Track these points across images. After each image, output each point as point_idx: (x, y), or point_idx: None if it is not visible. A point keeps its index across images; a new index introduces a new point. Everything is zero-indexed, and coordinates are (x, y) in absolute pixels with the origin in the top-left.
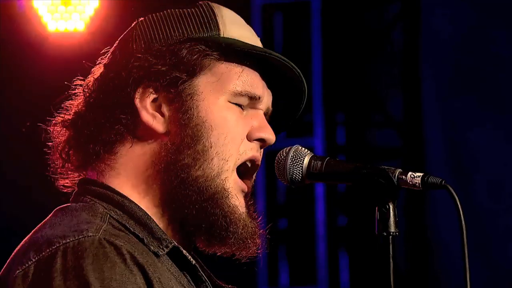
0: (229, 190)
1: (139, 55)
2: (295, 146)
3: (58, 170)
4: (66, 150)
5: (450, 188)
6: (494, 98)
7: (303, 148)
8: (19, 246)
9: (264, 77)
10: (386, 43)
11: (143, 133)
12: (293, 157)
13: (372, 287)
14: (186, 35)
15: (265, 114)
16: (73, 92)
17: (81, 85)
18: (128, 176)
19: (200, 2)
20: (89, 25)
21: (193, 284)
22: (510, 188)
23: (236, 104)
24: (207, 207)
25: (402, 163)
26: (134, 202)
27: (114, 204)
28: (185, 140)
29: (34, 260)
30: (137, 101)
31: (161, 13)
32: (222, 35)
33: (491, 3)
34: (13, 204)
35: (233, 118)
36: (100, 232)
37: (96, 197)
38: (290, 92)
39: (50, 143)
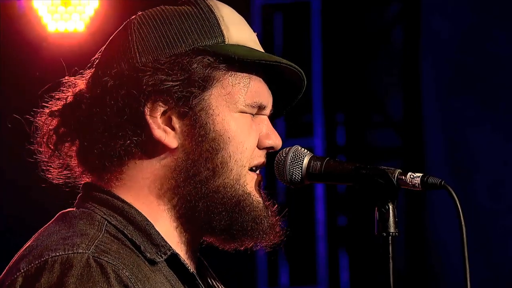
0: (250, 192)
1: (149, 71)
2: (294, 146)
3: (45, 160)
4: (53, 140)
5: (450, 189)
6: (494, 98)
7: (303, 149)
8: (20, 250)
9: (265, 78)
10: (386, 43)
11: (153, 148)
12: (292, 157)
13: (372, 287)
14: (192, 44)
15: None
16: (61, 82)
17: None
18: (136, 188)
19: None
20: (89, 26)
21: None
22: (510, 188)
23: (247, 113)
24: (235, 215)
25: (402, 163)
26: (134, 208)
27: (114, 209)
28: (203, 154)
29: (22, 271)
30: (148, 118)
31: (158, 12)
32: (227, 42)
33: (491, 3)
34: (13, 204)
35: (247, 126)
36: (91, 249)
37: (97, 203)
38: (289, 85)
39: (37, 135)
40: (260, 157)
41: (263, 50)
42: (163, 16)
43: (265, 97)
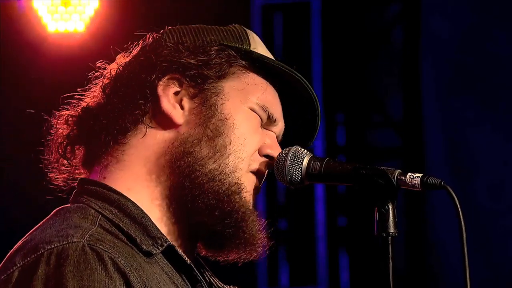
0: (242, 185)
1: (171, 46)
2: (294, 147)
3: (52, 164)
4: (64, 145)
5: (449, 189)
6: (494, 98)
7: (302, 149)
8: (15, 247)
9: (281, 99)
10: (386, 43)
11: (159, 121)
12: (292, 158)
13: (372, 287)
14: (219, 40)
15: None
16: (82, 90)
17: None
18: (134, 168)
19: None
20: (89, 26)
21: (188, 284)
22: (510, 188)
23: (256, 113)
24: (220, 201)
25: (402, 164)
26: (130, 200)
27: (109, 202)
28: (206, 131)
29: (19, 265)
30: (160, 89)
31: (191, 25)
32: (251, 49)
33: (491, 3)
34: (13, 204)
35: (253, 125)
36: (85, 238)
37: (92, 196)
38: (301, 112)
39: (49, 136)
40: (259, 163)
41: None
42: (197, 26)
43: (277, 111)
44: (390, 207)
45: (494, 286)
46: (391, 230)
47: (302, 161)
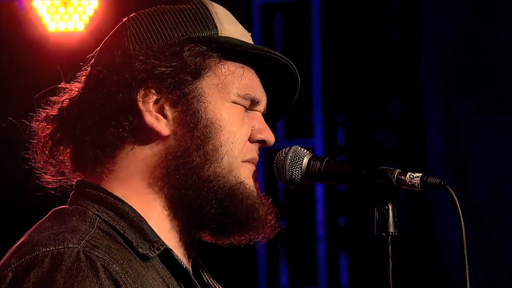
0: (244, 180)
1: (142, 57)
2: (294, 146)
3: (39, 165)
4: (48, 145)
5: (449, 189)
6: (494, 98)
7: (302, 149)
8: (13, 247)
9: (259, 74)
10: (386, 43)
11: (145, 136)
12: (292, 157)
13: (372, 287)
14: (185, 34)
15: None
16: (59, 87)
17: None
18: (128, 179)
19: None
20: (88, 26)
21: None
22: (510, 188)
23: (239, 105)
24: (227, 204)
25: (402, 163)
26: (127, 204)
27: (106, 205)
28: (194, 142)
29: (13, 266)
30: (140, 104)
31: (153, 10)
32: (220, 34)
33: (491, 3)
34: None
35: (239, 118)
36: (81, 244)
37: (89, 199)
38: (283, 84)
39: (33, 140)
40: (252, 151)
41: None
42: (157, 12)
43: (258, 91)
44: (390, 206)
45: (494, 286)
46: (391, 230)
47: (302, 160)
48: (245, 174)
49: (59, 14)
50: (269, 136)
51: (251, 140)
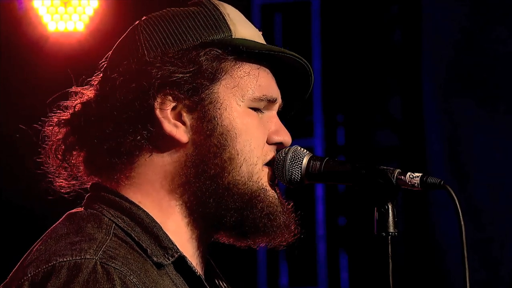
0: (266, 187)
1: (158, 64)
2: (294, 146)
3: (51, 169)
4: (61, 150)
5: (449, 189)
6: (494, 98)
7: (302, 149)
8: (28, 254)
9: (273, 72)
10: (386, 43)
11: (163, 143)
12: (292, 157)
13: (372, 287)
14: (199, 38)
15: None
16: (70, 91)
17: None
18: (145, 186)
19: (201, 0)
20: (88, 26)
21: None
22: (510, 188)
23: (254, 108)
24: (247, 212)
25: (402, 163)
26: (142, 209)
27: (121, 211)
28: (210, 150)
29: (29, 275)
30: (157, 112)
31: (164, 13)
32: (234, 36)
33: (491, 3)
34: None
35: (254, 123)
36: (99, 255)
37: (105, 204)
38: (296, 81)
39: (45, 144)
40: (271, 152)
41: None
42: (169, 16)
43: (274, 90)
44: (390, 206)
45: (494, 286)
46: (391, 229)
47: (302, 160)
48: (264, 181)
49: (59, 14)
50: (286, 137)
51: (268, 142)
